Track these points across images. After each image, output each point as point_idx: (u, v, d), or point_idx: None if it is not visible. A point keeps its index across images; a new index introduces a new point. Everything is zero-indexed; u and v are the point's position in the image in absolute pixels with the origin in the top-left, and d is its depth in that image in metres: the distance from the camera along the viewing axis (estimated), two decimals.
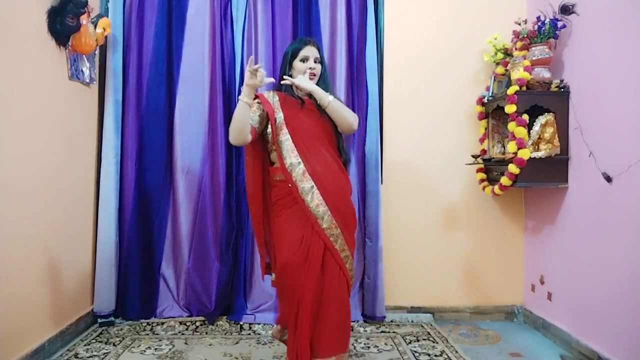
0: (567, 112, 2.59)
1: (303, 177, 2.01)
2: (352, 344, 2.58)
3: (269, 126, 2.09)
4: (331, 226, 2.02)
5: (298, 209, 2.03)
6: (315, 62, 2.14)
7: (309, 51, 2.13)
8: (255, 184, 2.18)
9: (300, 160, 2.02)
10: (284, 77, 2.11)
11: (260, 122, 2.06)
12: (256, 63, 2.89)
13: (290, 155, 2.03)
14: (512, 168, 2.56)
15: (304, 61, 2.12)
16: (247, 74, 1.92)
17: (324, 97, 2.06)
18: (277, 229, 2.10)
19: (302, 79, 2.09)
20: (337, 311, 2.02)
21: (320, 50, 2.18)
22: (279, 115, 2.07)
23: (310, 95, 2.11)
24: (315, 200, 2.00)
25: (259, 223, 2.22)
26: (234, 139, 1.99)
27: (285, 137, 2.04)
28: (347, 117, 2.10)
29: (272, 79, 2.06)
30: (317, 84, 2.13)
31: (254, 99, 2.02)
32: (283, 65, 2.19)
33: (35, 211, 2.27)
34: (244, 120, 1.95)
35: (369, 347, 2.55)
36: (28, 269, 2.21)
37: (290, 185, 2.03)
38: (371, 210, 2.94)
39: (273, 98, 2.12)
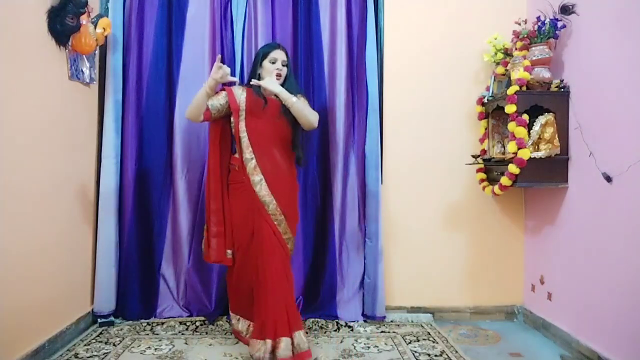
0: (567, 112, 2.59)
1: (254, 171, 2.38)
2: (352, 344, 2.58)
3: (233, 119, 2.43)
4: (275, 213, 2.38)
5: (248, 197, 2.37)
6: (282, 64, 2.45)
7: (278, 54, 2.44)
8: (215, 162, 2.48)
9: (253, 156, 2.38)
10: (252, 80, 2.40)
11: (219, 109, 2.40)
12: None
13: (246, 151, 2.38)
14: (512, 168, 2.56)
15: (272, 62, 2.43)
16: (214, 68, 2.30)
17: (288, 99, 2.34)
18: (230, 211, 2.47)
19: (269, 81, 2.36)
20: (290, 287, 2.39)
21: (287, 54, 2.49)
22: (242, 114, 2.40)
23: (276, 95, 2.36)
24: (262, 191, 2.37)
25: (217, 197, 2.48)
26: (188, 116, 2.40)
27: (244, 135, 2.39)
28: (307, 116, 2.39)
29: (235, 79, 2.43)
30: (283, 83, 2.43)
31: (222, 90, 2.42)
32: (254, 65, 2.50)
33: (35, 211, 2.27)
34: (200, 104, 2.35)
35: (369, 347, 2.55)
36: (28, 269, 2.21)
37: (244, 177, 2.38)
38: (371, 210, 2.94)
39: (241, 95, 2.43)
